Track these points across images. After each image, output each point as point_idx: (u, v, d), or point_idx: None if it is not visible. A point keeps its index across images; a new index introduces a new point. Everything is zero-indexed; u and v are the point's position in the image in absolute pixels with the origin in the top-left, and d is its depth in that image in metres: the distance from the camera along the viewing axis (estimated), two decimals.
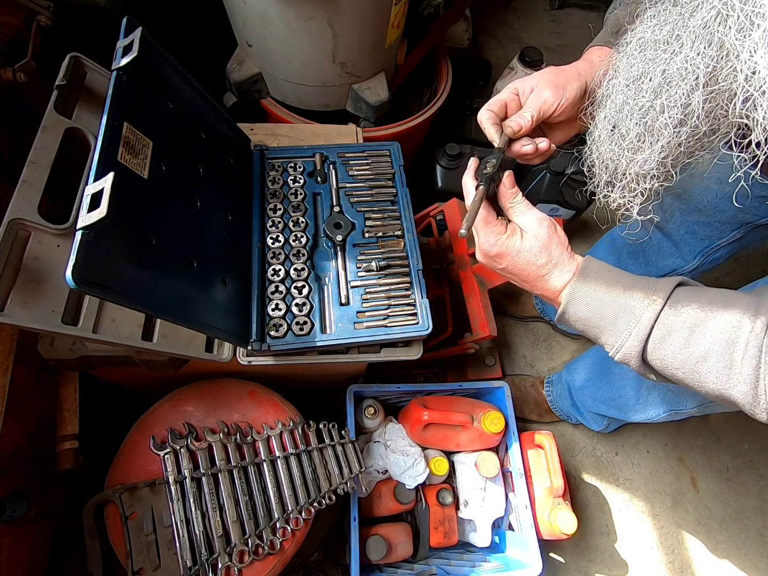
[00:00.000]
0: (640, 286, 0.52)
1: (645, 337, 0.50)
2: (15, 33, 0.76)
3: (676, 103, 0.43)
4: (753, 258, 1.63)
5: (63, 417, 0.81)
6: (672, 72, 0.43)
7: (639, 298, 0.51)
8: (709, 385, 0.48)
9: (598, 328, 0.54)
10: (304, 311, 0.76)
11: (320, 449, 0.84)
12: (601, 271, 0.55)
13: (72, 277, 0.42)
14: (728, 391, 0.47)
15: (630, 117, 0.48)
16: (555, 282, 0.57)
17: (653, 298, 0.51)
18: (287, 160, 0.89)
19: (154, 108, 0.62)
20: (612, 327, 0.53)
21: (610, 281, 0.54)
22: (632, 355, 0.52)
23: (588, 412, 1.22)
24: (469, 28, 1.67)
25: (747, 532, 1.31)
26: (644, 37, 0.47)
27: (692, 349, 0.48)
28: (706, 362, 0.47)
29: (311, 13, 0.91)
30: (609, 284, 0.53)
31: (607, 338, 0.54)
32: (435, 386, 1.15)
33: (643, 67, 0.47)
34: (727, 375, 0.46)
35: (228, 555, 0.71)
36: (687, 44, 0.42)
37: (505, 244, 0.58)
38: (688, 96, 0.42)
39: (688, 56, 0.41)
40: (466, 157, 1.33)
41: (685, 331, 0.48)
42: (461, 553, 1.10)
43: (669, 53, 0.43)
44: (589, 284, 0.54)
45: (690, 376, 0.49)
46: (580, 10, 2.32)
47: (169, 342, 0.67)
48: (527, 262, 0.57)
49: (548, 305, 1.44)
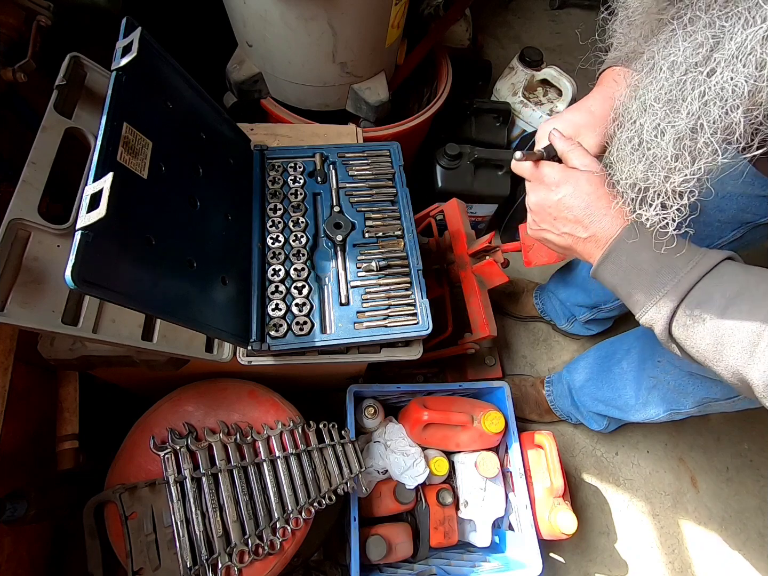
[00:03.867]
0: (690, 250, 0.52)
1: (679, 300, 0.50)
2: (15, 33, 0.76)
3: (717, 124, 0.43)
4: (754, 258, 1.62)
5: (63, 417, 0.81)
6: (712, 93, 0.43)
7: (685, 260, 0.51)
8: (729, 360, 0.48)
9: (632, 284, 0.53)
10: (304, 311, 0.76)
11: (320, 449, 0.84)
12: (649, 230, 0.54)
13: (71, 277, 0.42)
14: (746, 368, 0.46)
15: (664, 138, 0.48)
16: (608, 224, 0.56)
17: (699, 264, 0.50)
18: (287, 160, 0.89)
19: (153, 108, 0.62)
20: (648, 285, 0.52)
21: (658, 240, 0.52)
22: (660, 317, 0.51)
23: (588, 412, 1.22)
24: (469, 28, 1.67)
25: (747, 532, 1.31)
26: (676, 60, 0.46)
27: (724, 322, 0.47)
28: (734, 336, 0.47)
29: (311, 13, 0.91)
30: (657, 243, 0.52)
31: (639, 296, 0.53)
32: (435, 386, 1.15)
33: (678, 89, 0.46)
34: (750, 352, 0.46)
35: (228, 555, 0.71)
36: (727, 65, 0.41)
37: (567, 171, 0.59)
38: (728, 115, 0.42)
39: (729, 77, 0.41)
40: (466, 157, 1.33)
41: (723, 302, 0.48)
42: (461, 553, 1.10)
43: (705, 74, 0.43)
44: (641, 234, 0.53)
45: (713, 349, 0.49)
46: (580, 10, 2.32)
47: (169, 342, 0.67)
48: (587, 191, 0.57)
49: (548, 304, 1.44)
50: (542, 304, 1.46)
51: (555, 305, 1.42)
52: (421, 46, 1.29)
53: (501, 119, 1.50)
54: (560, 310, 1.42)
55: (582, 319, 1.36)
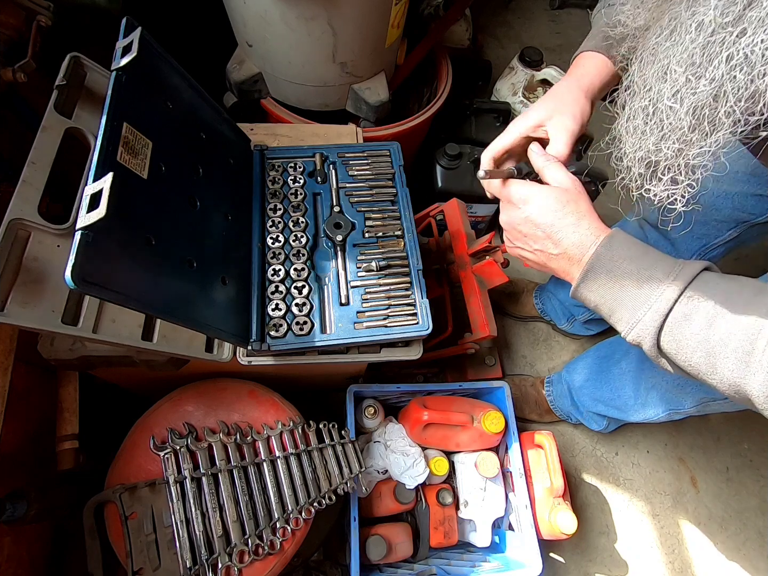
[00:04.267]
0: (667, 263, 0.50)
1: (665, 314, 0.48)
2: (15, 33, 0.76)
3: (742, 92, 0.41)
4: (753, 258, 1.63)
5: (63, 417, 0.81)
6: (740, 56, 0.40)
7: (664, 272, 0.49)
8: (725, 372, 0.46)
9: (615, 301, 0.51)
10: (304, 311, 0.76)
11: (320, 449, 0.84)
12: (628, 243, 0.52)
13: (71, 277, 0.42)
14: (744, 380, 0.45)
15: (682, 106, 0.45)
16: (577, 239, 0.54)
17: (679, 275, 0.48)
18: (287, 160, 0.89)
19: (153, 108, 0.62)
20: (631, 301, 0.50)
21: (636, 254, 0.51)
22: (647, 334, 0.49)
23: (588, 412, 1.22)
24: (469, 28, 1.67)
25: (747, 532, 1.31)
26: (705, 20, 0.43)
27: (714, 332, 0.46)
28: (726, 347, 0.45)
29: (311, 13, 0.91)
30: (635, 256, 0.51)
31: (622, 313, 0.51)
32: (435, 386, 1.15)
33: (704, 52, 0.43)
34: (746, 363, 0.44)
35: (228, 555, 0.71)
36: (760, 25, 0.38)
37: (534, 188, 0.57)
38: (754, 82, 0.40)
39: (760, 38, 0.38)
40: (466, 157, 1.33)
41: (710, 311, 0.46)
42: (461, 553, 1.10)
43: (735, 35, 0.40)
44: (616, 251, 0.51)
45: (705, 362, 0.47)
46: (580, 10, 2.32)
47: (169, 342, 0.67)
48: (553, 209, 0.55)
49: (548, 304, 1.44)
50: (542, 304, 1.46)
51: (555, 305, 1.42)
52: (421, 46, 1.29)
53: (501, 119, 1.50)
54: (560, 310, 1.41)
55: (581, 318, 1.36)
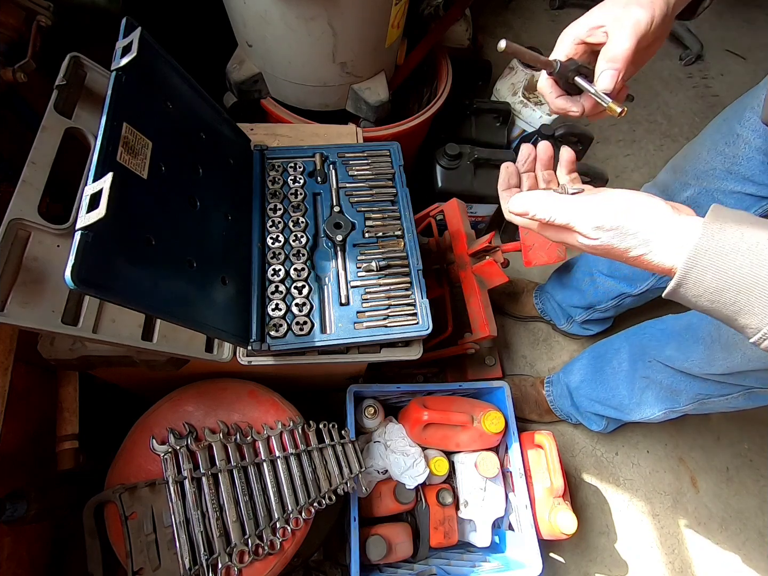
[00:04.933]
0: None
1: None
2: (15, 33, 0.76)
3: None
4: None
5: (63, 417, 0.81)
6: None
7: None
8: None
9: (735, 303, 0.41)
10: (304, 311, 0.76)
11: (320, 449, 0.84)
12: (741, 220, 0.41)
13: (71, 277, 0.42)
14: None
15: None
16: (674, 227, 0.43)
17: None
18: (287, 160, 0.89)
19: (153, 108, 0.62)
20: (759, 300, 0.40)
21: (751, 237, 0.40)
22: None
23: (587, 412, 1.22)
24: (469, 28, 1.67)
25: (747, 532, 1.31)
26: None
27: None
28: None
29: (311, 13, 0.91)
30: (751, 241, 0.40)
31: (749, 318, 0.41)
32: (435, 386, 1.15)
33: None
34: None
35: (228, 555, 0.71)
36: None
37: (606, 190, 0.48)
38: None
39: None
40: (466, 157, 1.33)
41: None
42: (461, 553, 1.10)
43: None
44: (727, 237, 0.40)
45: None
46: (580, 10, 2.29)
47: (169, 342, 0.67)
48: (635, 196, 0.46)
49: (548, 304, 1.44)
50: (542, 304, 1.46)
51: (553, 306, 1.42)
52: (421, 46, 1.29)
53: (501, 119, 1.50)
54: (558, 311, 1.42)
55: (579, 319, 1.36)
